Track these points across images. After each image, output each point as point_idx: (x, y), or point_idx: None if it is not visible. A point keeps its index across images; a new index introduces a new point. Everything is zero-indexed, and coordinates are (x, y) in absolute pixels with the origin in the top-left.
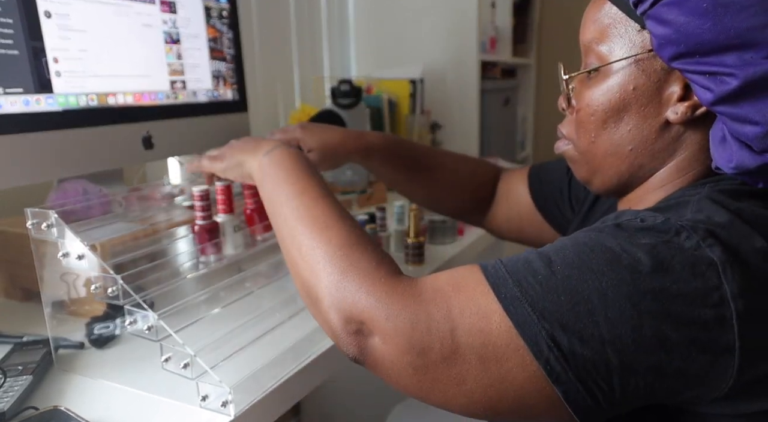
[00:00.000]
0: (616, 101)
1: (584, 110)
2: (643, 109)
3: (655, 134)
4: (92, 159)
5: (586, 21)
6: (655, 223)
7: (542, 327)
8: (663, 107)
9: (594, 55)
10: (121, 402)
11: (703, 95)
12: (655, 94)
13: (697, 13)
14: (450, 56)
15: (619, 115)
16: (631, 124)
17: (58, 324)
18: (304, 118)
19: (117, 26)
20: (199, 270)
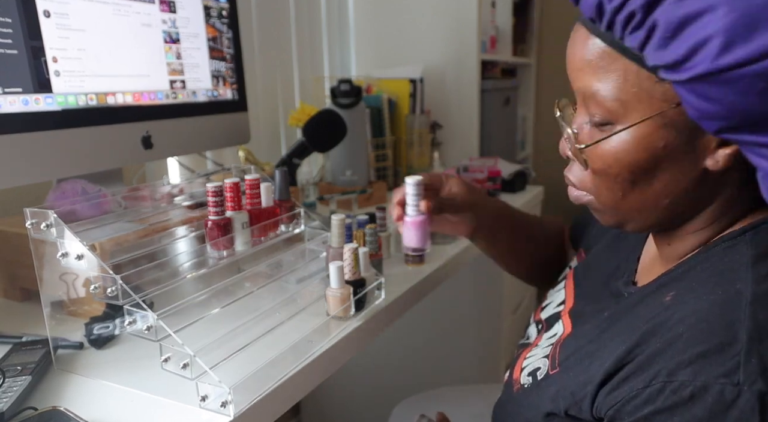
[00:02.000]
0: (645, 161)
1: (605, 171)
2: (677, 163)
3: (693, 184)
4: (91, 159)
5: (577, 63)
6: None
7: None
8: (700, 157)
9: (600, 107)
10: (120, 403)
11: (762, 163)
12: (688, 146)
13: (753, 92)
14: (450, 56)
15: (650, 173)
16: (665, 180)
17: (57, 325)
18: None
19: (116, 26)
20: (199, 270)
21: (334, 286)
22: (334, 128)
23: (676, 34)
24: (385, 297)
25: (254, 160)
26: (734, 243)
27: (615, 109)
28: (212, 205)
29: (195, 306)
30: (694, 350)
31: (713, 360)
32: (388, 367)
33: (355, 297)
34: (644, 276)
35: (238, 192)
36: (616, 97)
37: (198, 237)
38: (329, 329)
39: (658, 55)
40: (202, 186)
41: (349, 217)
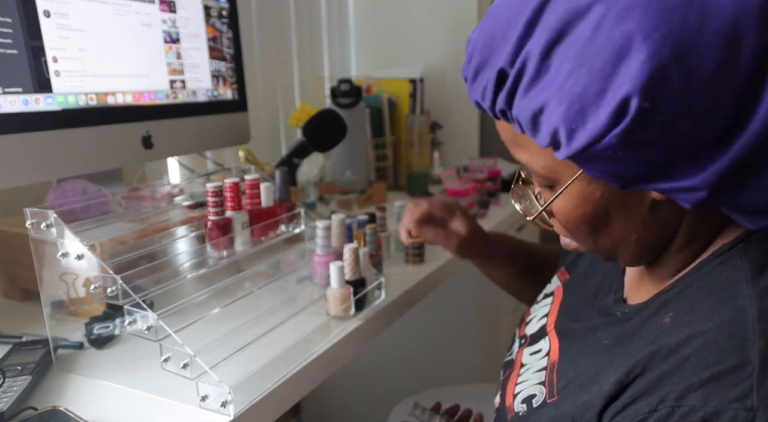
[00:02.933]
0: (592, 212)
1: (567, 225)
2: (622, 205)
3: (649, 216)
4: (91, 159)
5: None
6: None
7: None
8: (642, 194)
9: (537, 175)
10: (120, 402)
11: (682, 203)
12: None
13: (616, 159)
14: (450, 56)
15: (603, 219)
16: (621, 221)
17: (57, 324)
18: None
19: (116, 26)
20: (199, 270)
21: (334, 286)
22: (334, 128)
23: (534, 125)
24: (385, 297)
25: (254, 160)
26: (727, 258)
27: (548, 175)
28: (212, 205)
29: (195, 306)
30: (704, 373)
31: (725, 383)
32: (388, 367)
33: (355, 297)
34: (633, 293)
35: (238, 192)
36: (543, 166)
37: (198, 237)
38: (329, 329)
39: (538, 141)
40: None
41: (350, 217)
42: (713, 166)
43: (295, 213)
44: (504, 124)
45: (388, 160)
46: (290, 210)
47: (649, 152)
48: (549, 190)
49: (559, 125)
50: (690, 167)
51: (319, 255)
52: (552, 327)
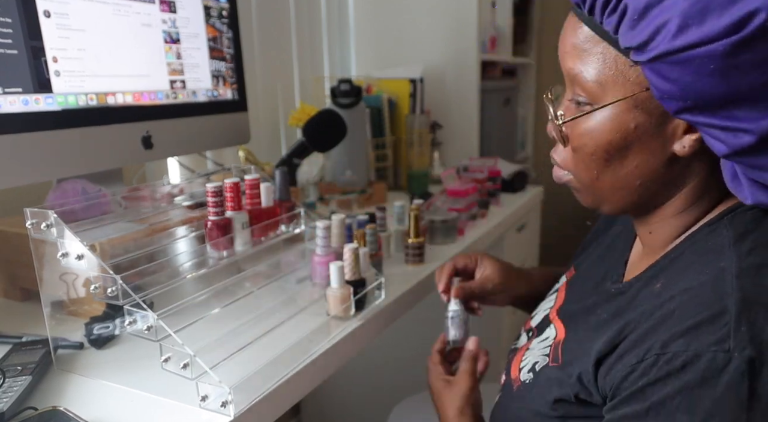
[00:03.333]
0: (618, 140)
1: (582, 148)
2: (647, 145)
3: (663, 167)
4: (92, 159)
5: (567, 47)
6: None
7: None
8: (668, 141)
9: (582, 88)
10: (120, 403)
11: (716, 146)
12: (658, 129)
13: (705, 73)
14: (450, 56)
15: (622, 153)
16: (636, 160)
17: (57, 324)
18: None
19: (116, 26)
20: (199, 270)
21: (334, 286)
22: (334, 128)
23: (642, 16)
24: (385, 297)
25: (254, 160)
26: (714, 228)
27: (594, 90)
28: (212, 205)
29: (195, 306)
30: (686, 323)
31: (704, 330)
32: (388, 367)
33: (355, 297)
34: (631, 274)
35: (238, 192)
36: (595, 79)
37: (198, 238)
38: (329, 329)
39: (628, 37)
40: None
41: (350, 217)
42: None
43: (295, 214)
44: (575, 27)
45: (388, 160)
46: (290, 210)
47: (736, 78)
48: (581, 107)
49: (672, 18)
50: (754, 111)
51: (319, 255)
52: (555, 313)
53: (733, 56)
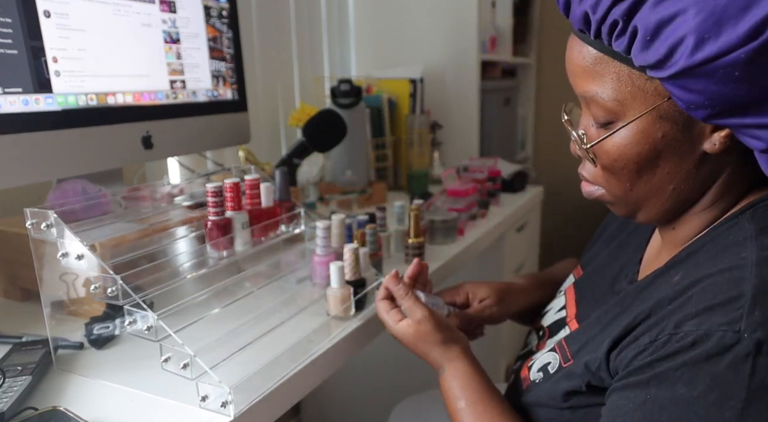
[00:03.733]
0: (647, 152)
1: (612, 164)
2: (677, 150)
3: (695, 168)
4: (92, 159)
5: (576, 70)
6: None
7: None
8: (697, 142)
9: (602, 108)
10: (120, 403)
11: (752, 143)
12: (685, 133)
13: (730, 80)
14: (450, 56)
15: (653, 162)
16: (668, 167)
17: (57, 325)
18: (304, 118)
19: (116, 26)
20: (199, 270)
21: (334, 286)
22: (334, 128)
23: (654, 36)
24: None
25: (254, 160)
26: (736, 222)
27: (614, 108)
28: (212, 205)
29: (195, 307)
30: (700, 305)
31: (718, 312)
32: (388, 367)
33: (355, 297)
34: (646, 271)
35: (238, 192)
36: (613, 98)
37: (198, 238)
38: (329, 329)
39: (643, 57)
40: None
41: (350, 217)
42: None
43: (295, 214)
44: (582, 50)
45: (388, 160)
46: (290, 210)
47: (762, 79)
48: (604, 127)
49: (688, 35)
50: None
51: (319, 256)
52: (572, 317)
53: (756, 61)
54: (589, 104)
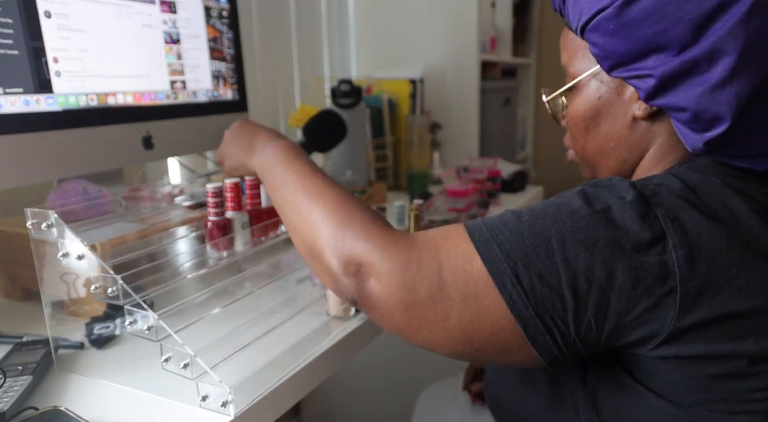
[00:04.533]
0: (590, 110)
1: (570, 122)
2: (611, 111)
3: (628, 130)
4: (92, 159)
5: (561, 47)
6: (614, 182)
7: (507, 264)
8: (627, 107)
9: (569, 75)
10: (120, 402)
11: (640, 94)
12: (617, 97)
13: (608, 33)
14: (450, 56)
15: (595, 120)
16: (606, 126)
17: (57, 325)
18: (304, 118)
19: (117, 26)
20: (199, 270)
21: None
22: (335, 128)
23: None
24: None
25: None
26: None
27: (574, 73)
28: (212, 206)
29: (195, 306)
30: None
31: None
32: (389, 367)
33: None
34: None
35: (238, 192)
36: (573, 65)
37: (198, 238)
38: (329, 329)
39: (572, 21)
40: (203, 186)
41: None
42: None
43: None
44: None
45: (388, 160)
46: None
47: (632, 33)
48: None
49: (583, 7)
50: (657, 61)
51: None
52: None
53: (622, 15)
54: (566, 74)
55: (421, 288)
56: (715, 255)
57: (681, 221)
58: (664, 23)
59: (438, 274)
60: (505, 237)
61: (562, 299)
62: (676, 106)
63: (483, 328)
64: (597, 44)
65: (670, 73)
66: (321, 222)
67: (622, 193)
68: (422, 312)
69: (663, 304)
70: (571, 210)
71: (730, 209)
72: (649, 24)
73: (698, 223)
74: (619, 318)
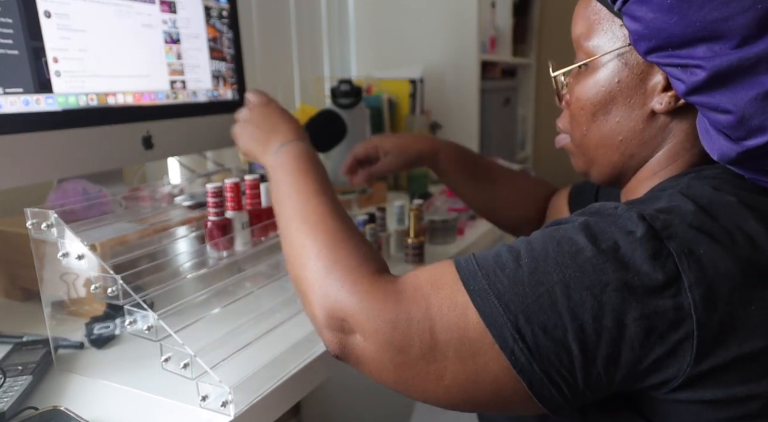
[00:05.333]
0: (603, 94)
1: (575, 104)
2: (628, 100)
3: (642, 124)
4: (92, 159)
5: (576, 17)
6: (620, 213)
7: (507, 318)
8: (648, 98)
9: (582, 50)
10: (120, 402)
11: (678, 86)
12: (639, 85)
13: (663, 9)
14: (450, 56)
15: (606, 107)
16: (618, 115)
17: (57, 324)
18: (303, 118)
19: (117, 26)
20: (199, 270)
21: None
22: (335, 128)
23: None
24: None
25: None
26: (677, 179)
27: (590, 50)
28: (212, 206)
29: (195, 306)
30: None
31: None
32: None
33: None
34: None
35: (238, 192)
36: (592, 40)
37: (198, 238)
38: None
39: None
40: (203, 186)
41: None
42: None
43: None
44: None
45: None
46: None
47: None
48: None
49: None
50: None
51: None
52: None
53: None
54: (578, 48)
55: (412, 349)
56: (733, 290)
57: (697, 255)
58: (731, 8)
59: (430, 332)
60: (504, 287)
61: (569, 353)
62: (718, 107)
63: (483, 385)
64: (641, 20)
65: (725, 69)
66: (311, 261)
67: (630, 227)
68: (414, 372)
69: (679, 351)
70: (574, 250)
71: (746, 232)
72: (714, 6)
73: (715, 255)
74: (631, 367)
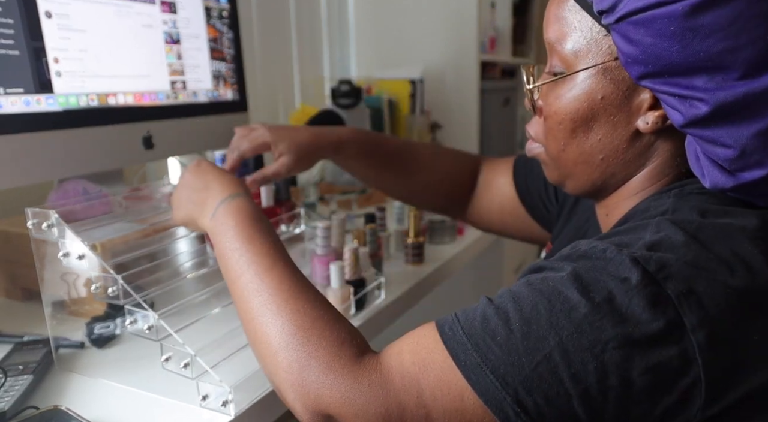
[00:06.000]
0: (584, 110)
1: (552, 117)
2: (612, 118)
3: (626, 143)
4: (92, 159)
5: (549, 17)
6: (609, 256)
7: (507, 393)
8: (633, 116)
9: (558, 57)
10: (121, 402)
11: (674, 116)
12: (624, 103)
13: (665, 35)
14: (450, 56)
15: (587, 124)
16: (600, 133)
17: (58, 324)
18: (304, 118)
19: (117, 26)
20: (199, 270)
21: (334, 286)
22: None
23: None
24: (385, 296)
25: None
26: (659, 198)
27: (569, 58)
28: None
29: (195, 306)
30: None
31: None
32: None
33: (356, 297)
34: None
35: None
36: (570, 47)
37: (198, 237)
38: None
39: (600, 2)
40: None
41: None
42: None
43: (295, 214)
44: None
45: None
46: (290, 210)
47: (694, 43)
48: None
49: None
50: (710, 82)
51: (319, 255)
52: None
53: (692, 18)
54: (551, 52)
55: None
56: (736, 324)
57: (697, 295)
58: (740, 40)
59: (426, 420)
60: (497, 358)
61: (576, 418)
62: (717, 141)
63: None
64: (638, 43)
65: (729, 104)
66: (281, 352)
67: (624, 273)
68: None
69: (688, 397)
70: (567, 307)
71: (742, 259)
72: (721, 37)
73: (714, 290)
74: (640, 419)
